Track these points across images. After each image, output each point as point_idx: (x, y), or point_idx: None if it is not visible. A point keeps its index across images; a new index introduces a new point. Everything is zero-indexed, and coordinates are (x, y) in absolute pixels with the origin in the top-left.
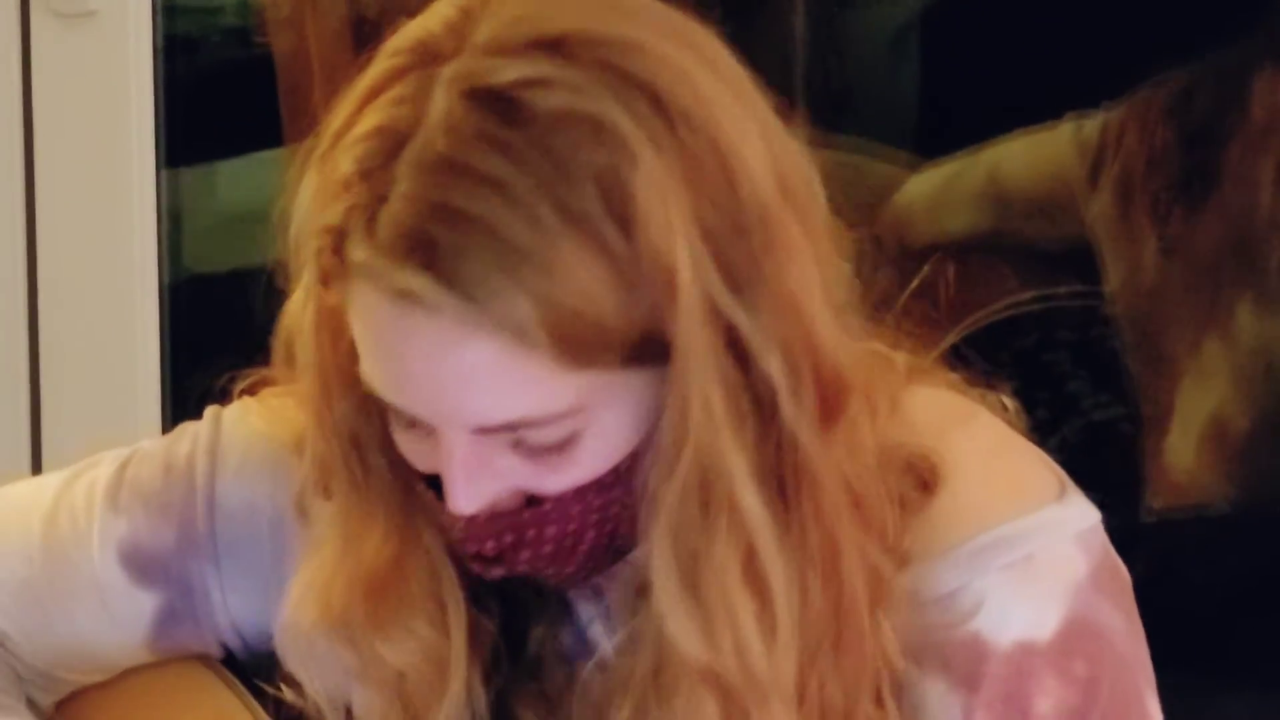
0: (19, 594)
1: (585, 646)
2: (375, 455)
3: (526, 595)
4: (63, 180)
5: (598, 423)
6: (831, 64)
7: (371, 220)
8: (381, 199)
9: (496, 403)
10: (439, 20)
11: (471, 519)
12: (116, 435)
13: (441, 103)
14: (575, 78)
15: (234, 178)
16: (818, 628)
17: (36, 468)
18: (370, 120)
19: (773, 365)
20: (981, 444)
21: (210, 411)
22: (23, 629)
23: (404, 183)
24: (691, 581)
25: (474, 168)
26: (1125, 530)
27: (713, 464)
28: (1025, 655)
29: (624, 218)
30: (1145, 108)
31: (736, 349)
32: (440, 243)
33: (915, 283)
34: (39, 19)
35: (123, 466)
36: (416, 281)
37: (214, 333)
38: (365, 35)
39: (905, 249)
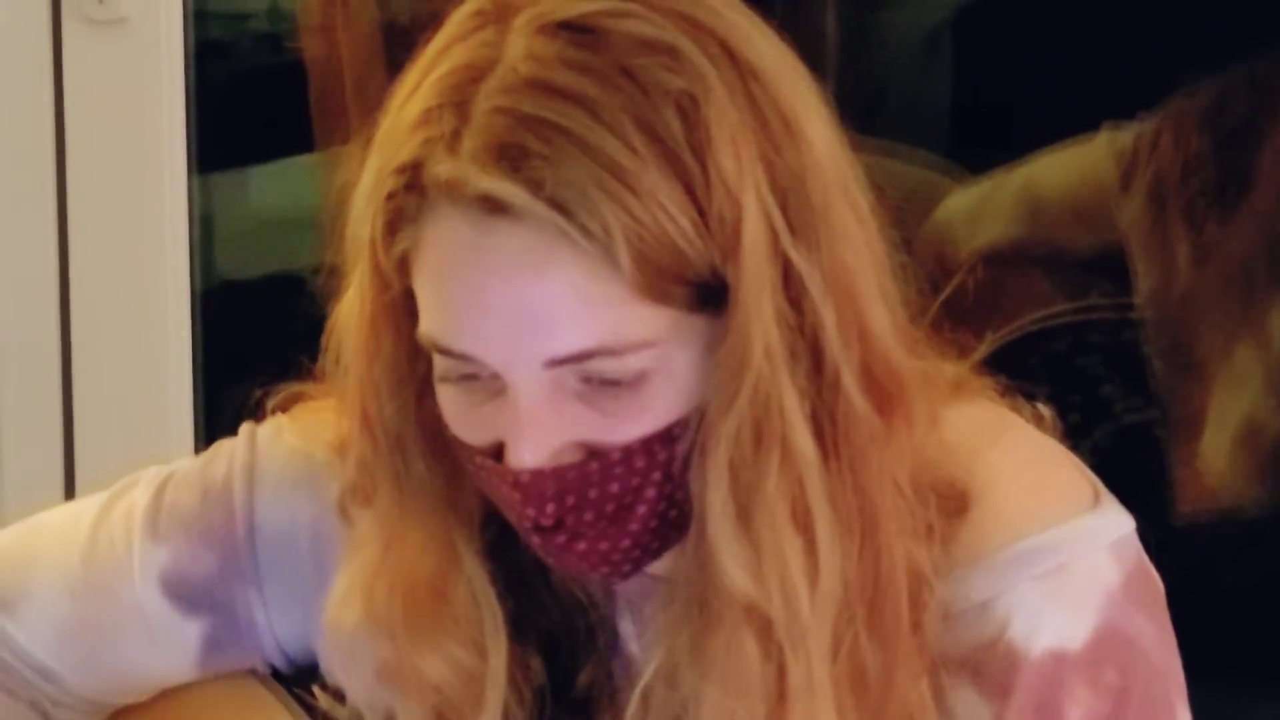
0: (64, 630)
1: (629, 676)
2: (418, 461)
3: (574, 635)
4: (94, 186)
5: (668, 364)
6: (863, 65)
7: (455, 139)
8: (465, 120)
9: (576, 327)
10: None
11: (533, 477)
12: (149, 442)
13: (519, 41)
14: (651, 14)
15: (266, 183)
16: (855, 589)
17: (69, 475)
18: (441, 68)
19: (827, 317)
20: (1016, 455)
21: (245, 429)
22: (69, 665)
23: (488, 102)
24: (744, 515)
25: (560, 86)
26: (1157, 534)
27: (768, 401)
28: (1056, 664)
29: (699, 146)
30: (1180, 115)
31: (793, 294)
32: (530, 150)
33: (947, 291)
34: (70, 25)
35: (160, 491)
36: (504, 187)
37: (247, 339)
38: (397, 41)
39: (945, 267)
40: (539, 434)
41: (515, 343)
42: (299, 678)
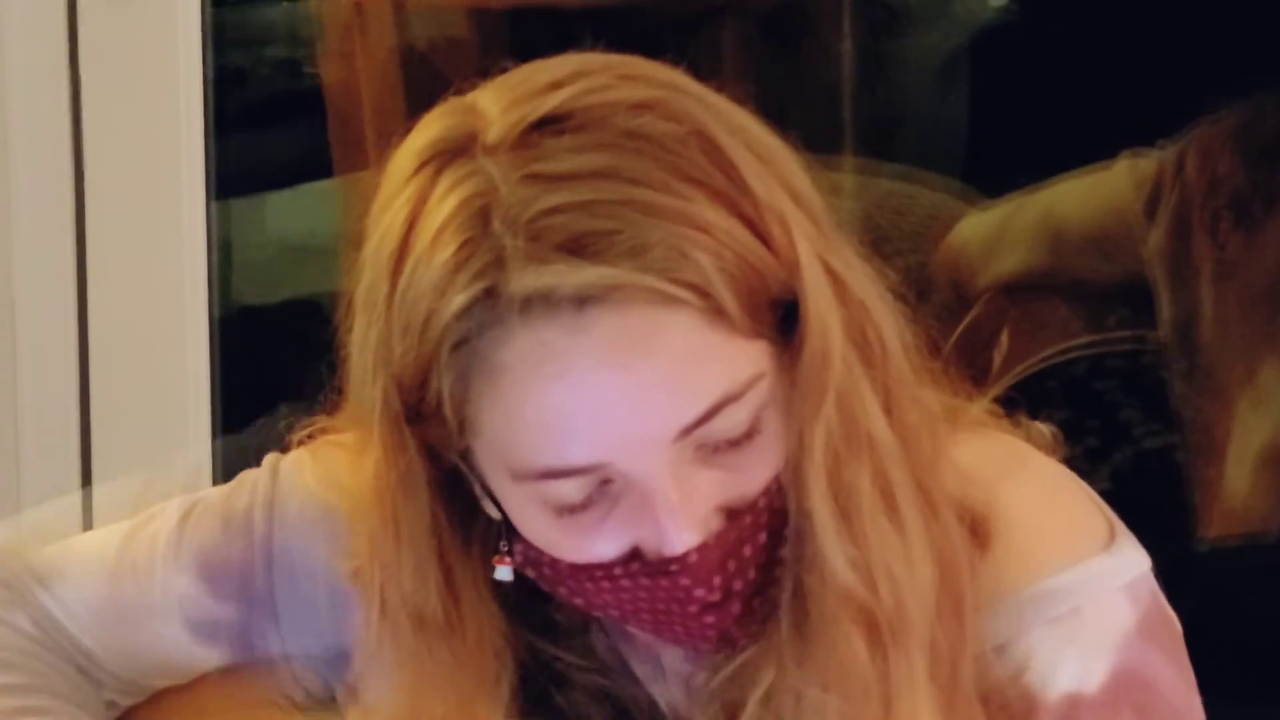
0: (99, 611)
1: None
2: (439, 640)
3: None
4: (112, 213)
5: (772, 399)
6: (880, 92)
7: (516, 254)
8: (501, 251)
9: (699, 385)
10: (444, 121)
11: (700, 554)
12: (167, 466)
13: (499, 164)
14: (611, 79)
15: (284, 209)
16: (938, 575)
17: (87, 499)
18: (432, 223)
19: (873, 309)
20: (1031, 493)
21: (269, 461)
22: (105, 645)
23: (522, 219)
24: (847, 515)
25: (581, 171)
26: (1178, 560)
27: (851, 400)
28: (1073, 708)
29: (732, 174)
30: (1206, 139)
31: (841, 296)
32: (599, 231)
33: (966, 320)
34: (88, 65)
35: (184, 519)
36: (598, 272)
37: (265, 364)
38: (414, 66)
39: (960, 294)
40: (689, 509)
41: (642, 427)
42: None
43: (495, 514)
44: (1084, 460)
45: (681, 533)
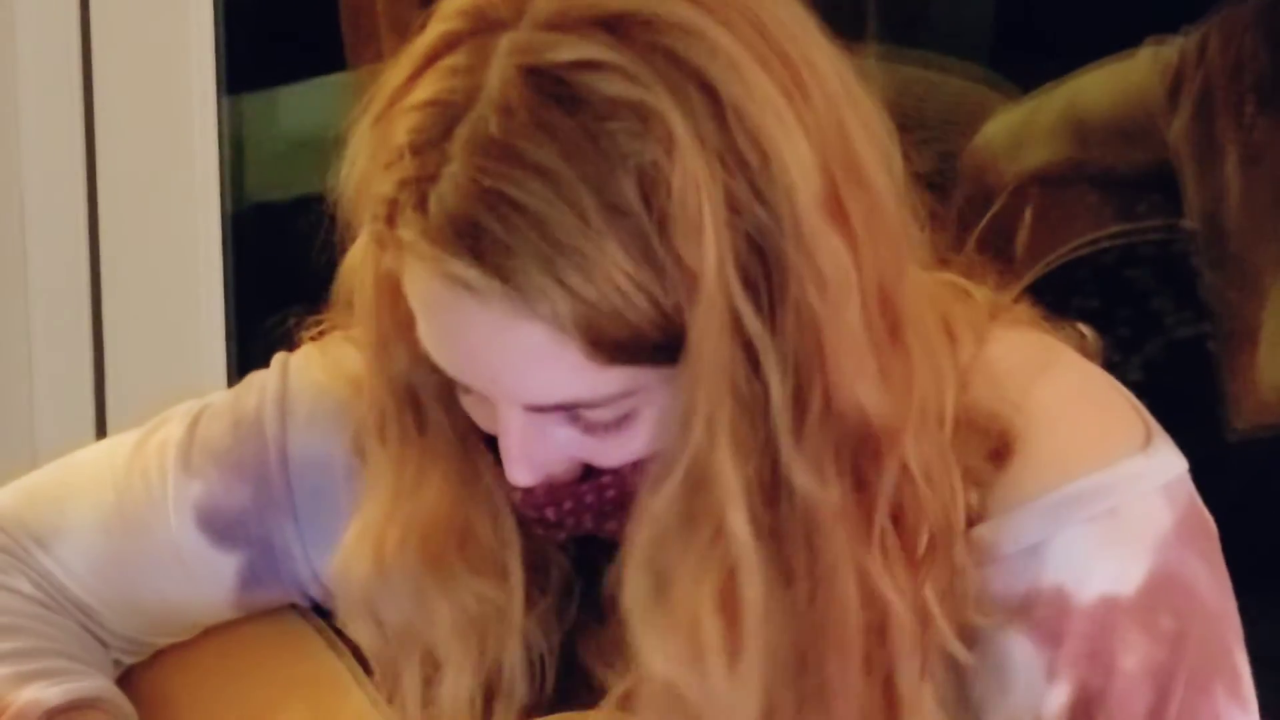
0: (100, 567)
1: None
2: (434, 408)
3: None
4: (122, 109)
5: (654, 401)
6: None
7: (422, 200)
8: (432, 177)
9: (548, 385)
10: None
11: (525, 494)
12: (181, 364)
13: (497, 78)
14: (630, 63)
15: (296, 103)
16: (790, 657)
17: (100, 401)
18: (426, 89)
19: (779, 390)
20: (1065, 391)
21: (277, 360)
22: (107, 602)
23: (455, 162)
24: (663, 590)
25: (526, 155)
26: (1210, 451)
27: (705, 477)
28: (1109, 610)
29: (661, 215)
30: (1229, 21)
31: (755, 363)
32: (489, 232)
33: (990, 213)
34: None
35: (193, 424)
36: (468, 272)
37: (278, 261)
38: None
39: (988, 191)
40: (530, 457)
41: (495, 387)
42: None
43: None
44: (1115, 350)
45: (515, 471)
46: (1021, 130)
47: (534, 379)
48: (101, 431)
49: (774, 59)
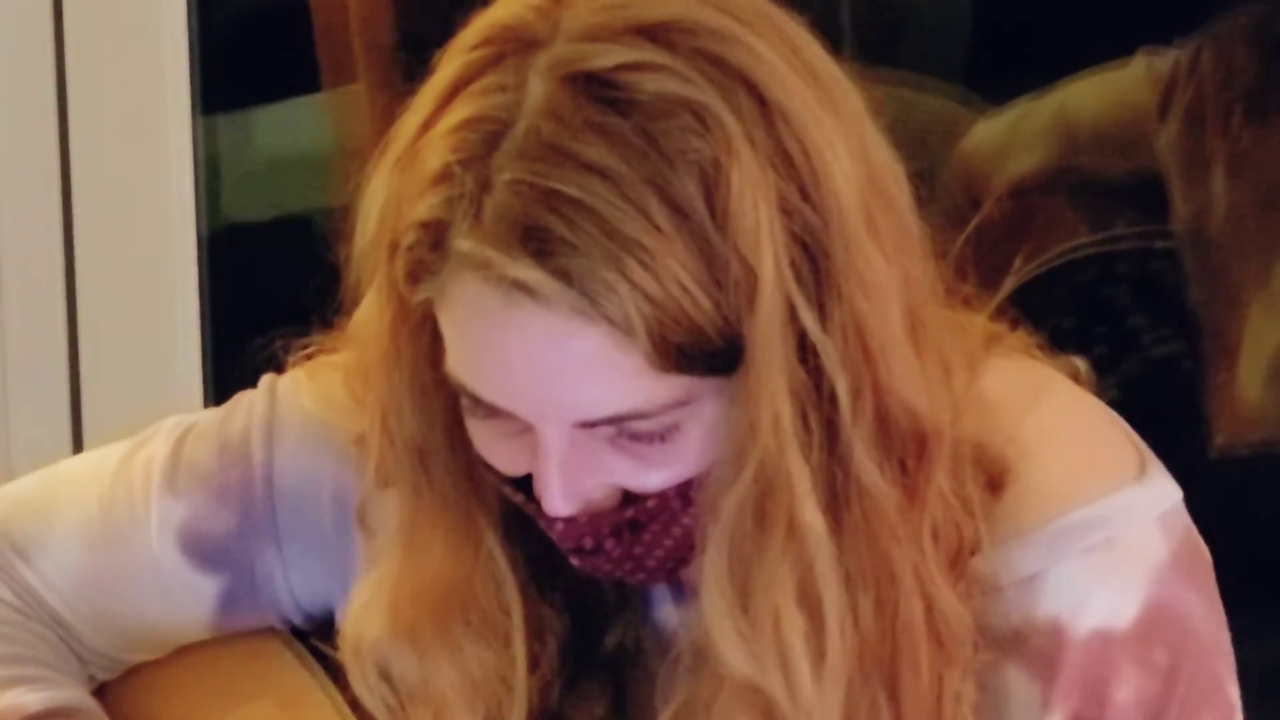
0: (80, 583)
1: (660, 642)
2: (439, 468)
3: (602, 598)
4: (97, 129)
5: (700, 414)
6: None
7: (478, 209)
8: (486, 187)
9: (603, 396)
10: (527, 7)
11: (566, 524)
12: (156, 386)
13: (540, 89)
14: (676, 64)
15: (271, 124)
16: (869, 656)
17: (76, 422)
18: (461, 111)
19: (840, 385)
20: (1060, 420)
21: (265, 382)
22: (84, 618)
23: (509, 171)
24: (743, 591)
25: (582, 155)
26: (1190, 469)
27: (775, 477)
28: (1103, 644)
29: (721, 213)
30: (1224, 33)
31: (809, 363)
32: (553, 232)
33: (973, 223)
34: None
35: (179, 444)
36: (530, 274)
37: (253, 281)
38: None
39: (974, 198)
40: (571, 484)
41: (542, 405)
42: (318, 631)
43: None
44: (1092, 369)
45: (554, 500)
46: (1009, 136)
47: (589, 389)
48: (78, 451)
49: (805, 71)
